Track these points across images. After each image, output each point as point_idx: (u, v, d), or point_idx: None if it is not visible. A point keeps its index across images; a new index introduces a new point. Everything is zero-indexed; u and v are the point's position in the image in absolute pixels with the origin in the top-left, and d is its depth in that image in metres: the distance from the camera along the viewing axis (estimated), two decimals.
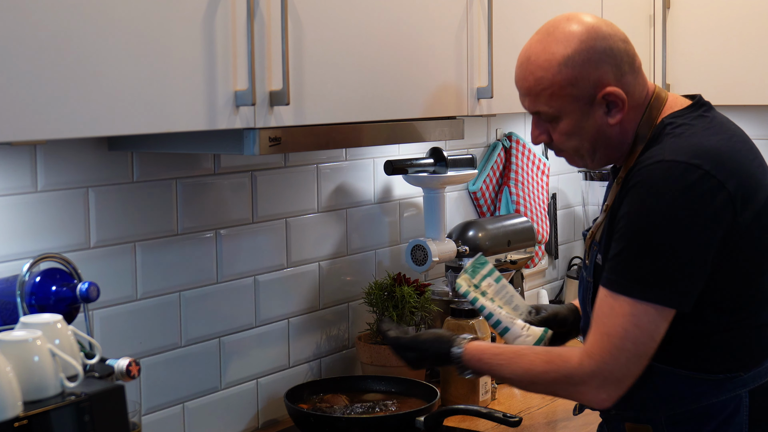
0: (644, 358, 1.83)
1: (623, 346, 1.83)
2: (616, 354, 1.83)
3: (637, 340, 1.82)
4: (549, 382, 1.92)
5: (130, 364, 1.64)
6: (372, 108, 2.07)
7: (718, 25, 3.08)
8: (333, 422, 2.22)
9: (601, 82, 1.89)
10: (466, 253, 2.67)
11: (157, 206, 2.16)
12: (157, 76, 1.63)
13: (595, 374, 1.85)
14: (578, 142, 1.98)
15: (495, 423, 2.28)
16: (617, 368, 1.84)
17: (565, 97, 1.92)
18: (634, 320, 1.82)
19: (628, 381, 1.85)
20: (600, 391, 1.86)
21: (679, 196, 1.80)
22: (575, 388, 1.89)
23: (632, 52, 1.94)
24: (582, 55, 1.89)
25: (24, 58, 1.44)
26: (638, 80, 1.94)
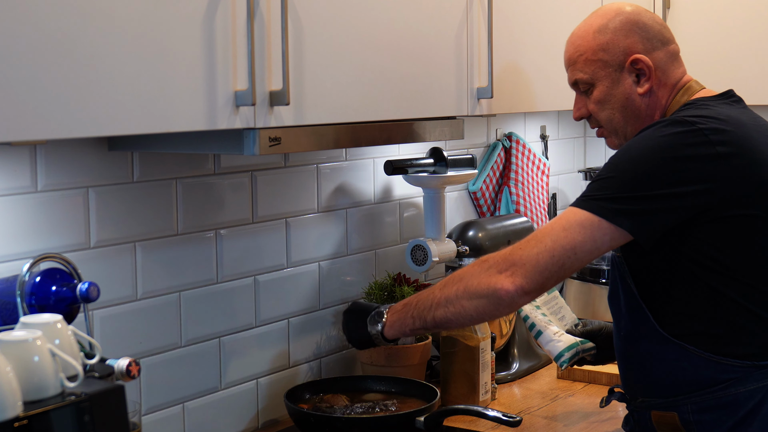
0: (557, 261, 1.88)
1: (541, 239, 1.90)
2: (533, 244, 1.91)
3: (557, 240, 1.89)
4: (467, 270, 1.98)
5: (130, 364, 1.64)
6: (372, 108, 2.07)
7: (718, 25, 3.08)
8: (333, 422, 2.22)
9: (630, 49, 2.06)
10: (466, 253, 2.67)
11: (157, 206, 2.16)
12: (157, 76, 1.63)
13: (505, 257, 1.92)
14: (610, 112, 2.11)
15: (495, 423, 2.28)
16: (528, 255, 1.90)
17: (597, 62, 2.09)
18: (564, 222, 1.89)
19: (533, 275, 1.89)
20: (505, 274, 1.91)
21: (663, 140, 1.90)
22: (485, 272, 1.94)
23: (668, 36, 2.10)
24: (614, 24, 2.08)
25: (24, 58, 1.44)
26: (672, 62, 2.09)
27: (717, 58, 3.08)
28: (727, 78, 2.98)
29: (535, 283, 1.90)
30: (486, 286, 1.93)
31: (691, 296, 1.92)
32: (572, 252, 1.89)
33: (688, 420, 1.94)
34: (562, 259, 1.89)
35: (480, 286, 1.94)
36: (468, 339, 2.50)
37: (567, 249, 1.89)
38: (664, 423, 1.98)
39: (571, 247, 1.88)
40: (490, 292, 1.93)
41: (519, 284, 1.90)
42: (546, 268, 1.89)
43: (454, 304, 1.98)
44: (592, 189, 1.92)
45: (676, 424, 1.96)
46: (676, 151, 1.88)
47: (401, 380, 2.45)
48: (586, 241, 1.88)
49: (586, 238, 1.88)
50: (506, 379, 2.75)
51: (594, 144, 3.69)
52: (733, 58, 3.06)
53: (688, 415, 1.94)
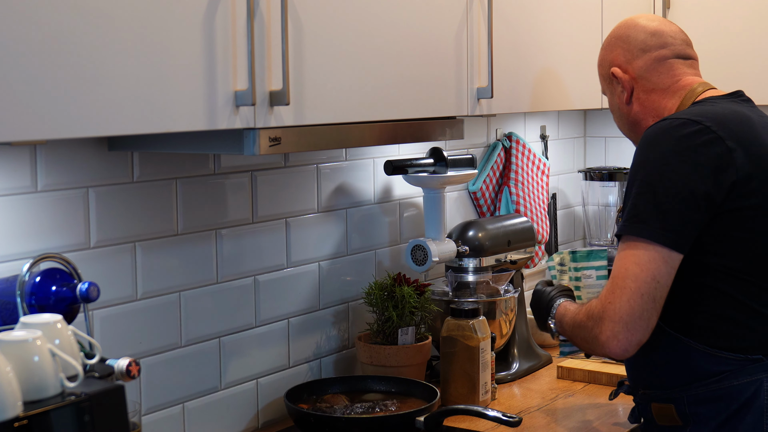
0: (648, 298, 1.90)
1: (624, 285, 1.91)
2: (618, 293, 1.92)
3: (638, 278, 1.90)
4: (581, 337, 2.05)
5: (130, 364, 1.64)
6: (372, 108, 2.07)
7: (718, 25, 3.08)
8: (333, 422, 2.22)
9: (612, 62, 2.25)
10: (466, 253, 2.67)
11: (157, 206, 2.16)
12: (157, 76, 1.63)
13: (603, 316, 1.94)
14: (616, 119, 2.30)
15: (495, 423, 2.28)
16: (620, 307, 1.91)
17: (600, 76, 2.32)
18: (634, 258, 1.92)
19: (636, 323, 1.91)
20: (610, 333, 1.93)
21: (674, 144, 1.96)
22: (593, 334, 1.97)
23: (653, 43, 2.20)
24: (606, 40, 2.30)
25: (24, 58, 1.44)
26: (655, 68, 2.19)
27: (717, 58, 3.08)
28: (727, 78, 2.98)
29: (636, 329, 1.92)
30: (599, 350, 1.99)
31: (689, 291, 1.98)
32: (656, 282, 1.91)
33: (684, 412, 2.01)
34: (653, 294, 1.91)
35: (594, 349, 2.01)
36: (468, 339, 2.50)
37: (650, 282, 1.91)
38: (663, 415, 2.05)
39: (653, 278, 1.91)
40: (605, 353, 1.98)
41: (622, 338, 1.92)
42: (641, 309, 1.91)
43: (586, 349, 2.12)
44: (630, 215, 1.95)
45: (673, 416, 2.02)
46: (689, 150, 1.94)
47: (401, 380, 2.45)
48: (660, 268, 1.91)
49: (660, 265, 1.91)
50: (506, 379, 2.75)
51: (594, 144, 3.69)
52: (733, 58, 3.05)
53: (685, 407, 2.00)
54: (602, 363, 2.78)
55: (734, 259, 1.95)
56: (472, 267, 2.70)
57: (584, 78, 2.76)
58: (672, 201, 1.91)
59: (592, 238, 3.45)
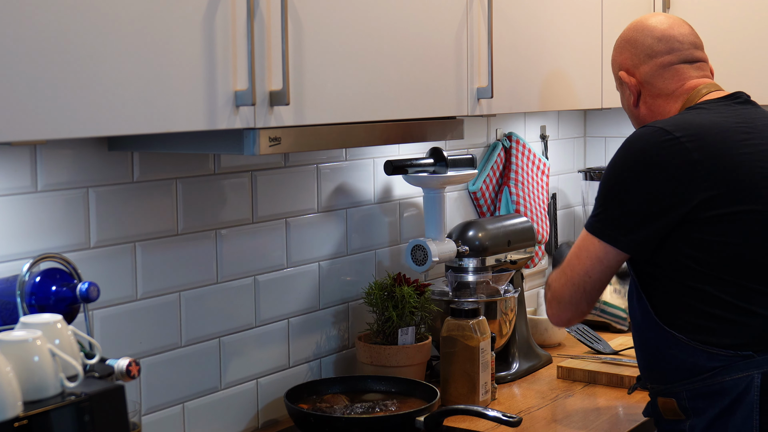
0: (578, 288, 2.13)
1: (564, 270, 2.16)
2: (559, 275, 2.17)
3: (575, 269, 2.12)
4: None
5: (130, 364, 1.64)
6: (372, 108, 2.07)
7: (718, 25, 3.08)
8: (333, 422, 2.22)
9: (621, 65, 2.31)
10: (466, 253, 2.67)
11: (157, 206, 2.16)
12: (157, 76, 1.63)
13: (547, 291, 2.22)
14: (629, 117, 2.36)
15: (495, 423, 2.28)
16: (558, 287, 2.17)
17: (613, 77, 2.37)
18: (577, 250, 2.13)
19: (565, 304, 2.16)
20: (548, 307, 2.21)
21: (639, 151, 2.07)
22: (546, 300, 2.22)
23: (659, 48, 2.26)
24: (617, 42, 2.35)
25: (24, 58, 1.44)
26: (660, 74, 2.25)
27: (716, 58, 3.07)
28: (727, 78, 2.98)
29: (571, 312, 2.18)
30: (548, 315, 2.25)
31: (679, 291, 2.06)
32: (588, 278, 2.12)
33: (685, 406, 2.09)
34: (584, 285, 2.13)
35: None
36: (468, 339, 2.50)
37: (583, 276, 2.12)
38: (667, 409, 2.13)
39: (585, 274, 2.12)
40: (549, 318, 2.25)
41: (556, 315, 2.21)
42: (574, 298, 2.15)
43: None
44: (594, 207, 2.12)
45: (676, 409, 2.10)
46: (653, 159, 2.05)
47: (401, 380, 2.45)
48: (595, 266, 2.10)
49: (594, 263, 2.10)
50: (506, 379, 2.75)
51: (594, 144, 3.69)
52: (733, 58, 3.05)
53: (684, 401, 2.09)
54: (602, 363, 2.78)
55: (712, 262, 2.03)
56: (472, 267, 2.70)
57: (585, 78, 2.76)
58: (625, 206, 2.06)
59: None
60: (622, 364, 2.73)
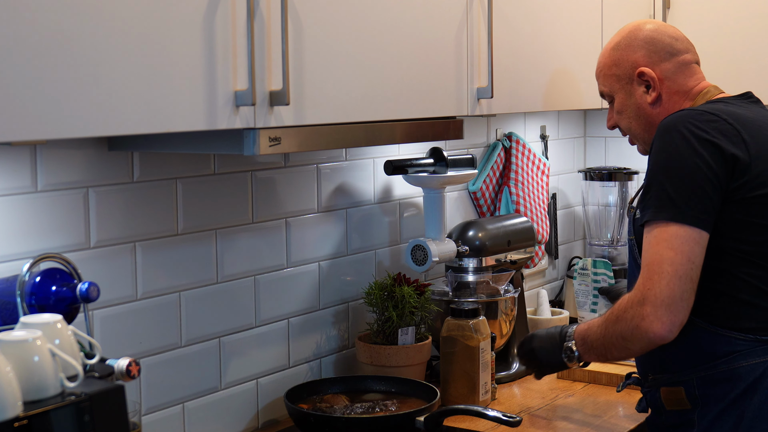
0: (686, 279, 1.97)
1: (662, 270, 1.97)
2: (657, 278, 1.97)
3: (674, 261, 1.97)
4: (613, 320, 2.07)
5: (130, 364, 1.64)
6: (372, 108, 2.07)
7: (718, 25, 3.08)
8: (333, 422, 2.22)
9: (637, 63, 2.27)
10: (466, 253, 2.67)
11: (157, 206, 2.16)
12: (157, 76, 1.63)
13: (644, 302, 1.98)
14: (628, 120, 2.31)
15: (495, 423, 2.28)
16: (660, 292, 1.96)
17: (612, 77, 2.31)
18: (667, 243, 1.98)
19: (677, 304, 1.96)
20: (653, 317, 1.97)
21: (694, 128, 2.04)
22: (635, 323, 2.00)
23: (678, 47, 2.27)
24: (625, 41, 2.30)
25: (24, 58, 1.44)
26: (682, 71, 2.26)
27: (717, 58, 3.08)
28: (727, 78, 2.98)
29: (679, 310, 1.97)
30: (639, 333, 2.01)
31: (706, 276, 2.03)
32: (692, 264, 1.97)
33: (693, 394, 2.08)
34: (689, 273, 1.97)
35: (635, 335, 2.02)
36: (468, 339, 2.50)
37: (684, 263, 1.97)
38: (672, 399, 2.11)
39: (687, 259, 1.97)
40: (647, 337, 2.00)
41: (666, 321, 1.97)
42: (683, 290, 1.97)
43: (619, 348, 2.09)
44: (664, 196, 2.01)
45: (682, 399, 2.09)
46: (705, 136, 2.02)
47: (401, 380, 2.45)
48: (694, 248, 1.98)
49: (693, 246, 1.98)
50: (506, 379, 2.75)
51: (594, 144, 3.69)
52: (733, 59, 3.05)
53: (694, 389, 2.08)
54: (602, 363, 2.78)
55: (746, 243, 2.03)
56: (472, 267, 2.70)
57: (585, 78, 2.76)
58: (695, 182, 2.00)
59: (592, 238, 3.45)
60: (623, 364, 2.73)
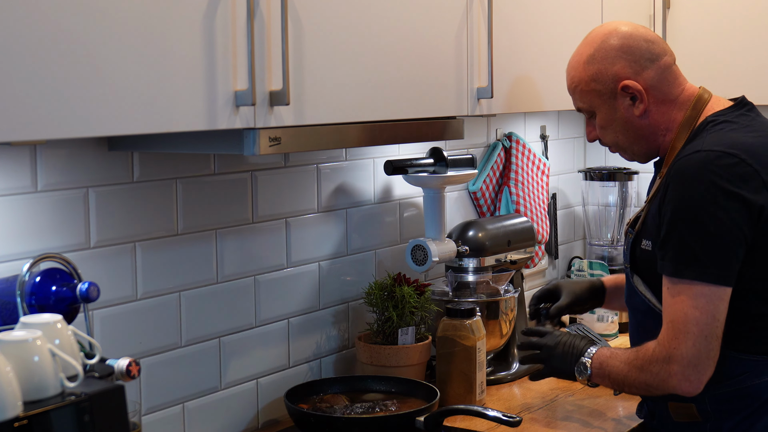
0: (712, 338, 1.95)
1: (687, 330, 1.95)
2: (683, 338, 1.96)
3: (700, 321, 1.94)
4: (639, 368, 2.05)
5: (130, 364, 1.64)
6: (372, 108, 2.07)
7: (718, 25, 3.08)
8: (333, 422, 2.22)
9: (618, 75, 2.13)
10: (466, 253, 2.67)
11: (157, 206, 2.16)
12: (157, 76, 1.63)
13: (671, 360, 1.98)
14: (613, 135, 2.19)
15: (495, 423, 2.28)
16: (687, 352, 1.96)
17: (591, 92, 2.17)
18: (693, 302, 1.95)
19: (704, 363, 1.96)
20: (681, 377, 1.97)
21: (717, 179, 1.95)
22: (661, 378, 2.00)
23: (657, 51, 2.14)
24: (600, 53, 2.14)
25: (24, 58, 1.44)
26: (666, 76, 2.14)
27: (717, 58, 3.08)
28: (727, 78, 2.98)
29: (705, 368, 1.96)
30: (671, 390, 2.01)
31: None
32: (716, 321, 1.95)
33: (705, 410, 2.06)
34: (715, 332, 1.96)
35: (665, 390, 2.02)
36: (464, 339, 2.50)
37: (710, 323, 1.95)
38: (681, 413, 2.09)
39: (712, 318, 1.95)
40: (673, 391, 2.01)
41: (695, 380, 1.97)
42: (707, 350, 1.95)
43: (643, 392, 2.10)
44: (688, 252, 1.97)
45: (693, 414, 2.07)
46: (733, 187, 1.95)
47: (401, 380, 2.45)
48: (718, 306, 1.95)
49: (717, 303, 1.95)
50: (506, 379, 2.75)
51: (594, 144, 3.69)
52: (733, 58, 3.05)
53: (706, 405, 2.05)
54: None
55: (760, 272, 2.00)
56: (472, 267, 2.70)
57: None
58: (721, 240, 1.95)
59: (592, 238, 3.46)
60: None
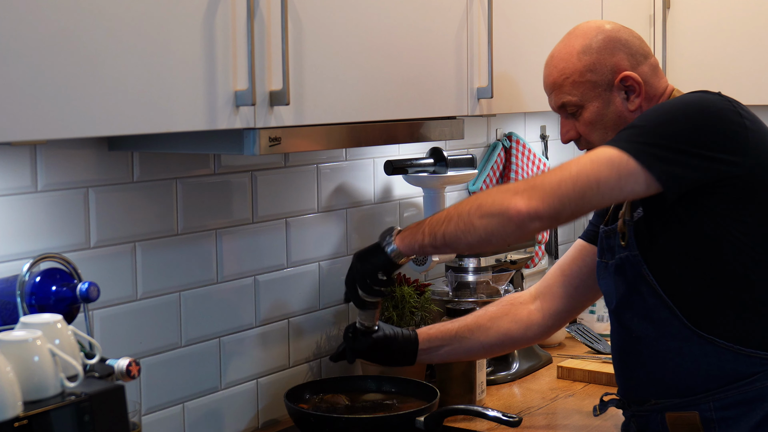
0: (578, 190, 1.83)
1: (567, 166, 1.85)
2: (557, 170, 1.87)
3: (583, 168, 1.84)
4: (483, 193, 1.93)
5: (130, 364, 1.64)
6: (372, 108, 2.07)
7: (718, 25, 3.08)
8: (333, 422, 2.22)
9: (618, 67, 2.04)
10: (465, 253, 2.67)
11: (157, 206, 2.16)
12: (157, 76, 1.63)
13: (526, 181, 1.89)
14: (602, 131, 2.07)
15: (495, 423, 2.28)
16: (548, 179, 1.86)
17: (585, 84, 2.05)
18: (593, 156, 1.85)
19: (550, 198, 1.83)
20: (522, 195, 1.85)
21: (695, 101, 1.90)
22: (501, 193, 1.88)
23: (647, 49, 2.10)
24: (598, 43, 2.05)
25: (24, 58, 1.44)
26: (655, 74, 2.08)
27: (717, 58, 3.08)
28: (727, 78, 2.98)
29: (551, 208, 1.83)
30: (499, 205, 1.86)
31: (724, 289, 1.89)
32: (596, 184, 1.83)
33: (710, 418, 1.90)
34: (584, 189, 1.83)
35: (493, 205, 1.87)
36: None
37: (591, 180, 1.83)
38: (681, 424, 1.94)
39: (595, 179, 1.83)
40: (502, 211, 1.85)
41: (533, 206, 1.83)
42: (565, 194, 1.83)
43: (465, 221, 1.90)
44: (626, 134, 1.88)
45: (695, 423, 1.92)
46: (711, 113, 1.87)
47: (401, 380, 2.45)
48: (611, 177, 1.83)
49: (612, 174, 1.83)
50: (506, 379, 2.75)
51: None
52: (733, 58, 3.05)
53: (711, 412, 1.90)
54: (602, 363, 2.78)
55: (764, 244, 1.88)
56: (472, 267, 2.70)
57: None
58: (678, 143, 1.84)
59: None
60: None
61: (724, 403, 1.90)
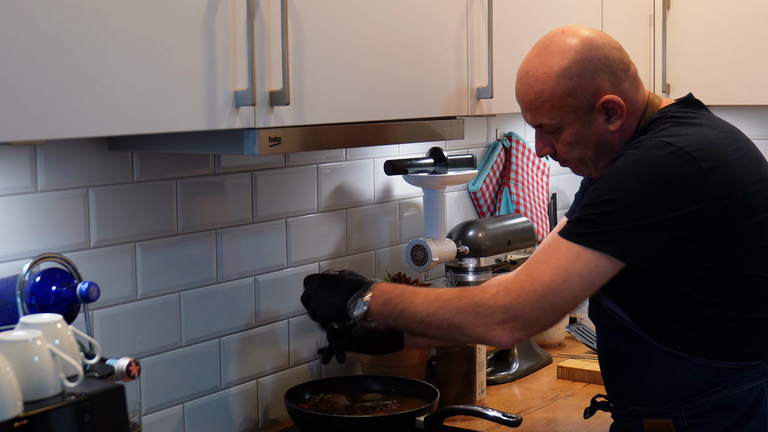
0: (559, 313, 1.89)
1: (544, 295, 1.86)
2: (533, 297, 1.87)
3: (558, 293, 1.86)
4: (459, 308, 1.93)
5: (130, 364, 1.64)
6: (372, 108, 2.07)
7: (718, 25, 3.08)
8: (333, 422, 2.22)
9: (599, 90, 1.95)
10: (465, 253, 2.67)
11: (157, 206, 2.16)
12: (157, 76, 1.63)
13: (505, 309, 1.89)
14: (581, 151, 2.02)
15: (495, 423, 2.28)
16: (529, 310, 1.88)
17: (565, 108, 1.97)
18: (564, 274, 1.85)
19: (534, 328, 1.91)
20: (504, 327, 1.89)
21: (647, 162, 1.85)
22: (482, 319, 1.90)
23: (627, 59, 2.01)
24: (578, 66, 1.94)
25: (24, 58, 1.44)
26: (635, 87, 2.00)
27: (717, 58, 3.08)
28: (727, 78, 2.98)
29: (533, 333, 1.94)
30: (483, 336, 1.93)
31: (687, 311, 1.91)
32: (571, 299, 1.88)
33: (683, 425, 1.93)
34: (562, 306, 1.89)
35: (476, 334, 1.93)
36: None
37: (568, 301, 1.88)
38: (657, 430, 1.97)
39: (571, 298, 1.88)
40: (484, 341, 1.94)
41: (516, 337, 1.91)
42: (545, 317, 1.89)
43: (444, 333, 1.97)
44: (581, 224, 1.88)
45: (670, 430, 1.95)
46: (664, 175, 1.84)
47: (401, 380, 2.45)
48: (585, 288, 1.87)
49: (585, 286, 1.87)
50: (506, 379, 2.75)
51: None
52: (733, 58, 3.05)
53: (683, 420, 1.94)
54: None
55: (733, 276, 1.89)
56: (472, 267, 2.70)
57: None
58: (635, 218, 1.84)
59: None
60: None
61: (696, 411, 1.92)
